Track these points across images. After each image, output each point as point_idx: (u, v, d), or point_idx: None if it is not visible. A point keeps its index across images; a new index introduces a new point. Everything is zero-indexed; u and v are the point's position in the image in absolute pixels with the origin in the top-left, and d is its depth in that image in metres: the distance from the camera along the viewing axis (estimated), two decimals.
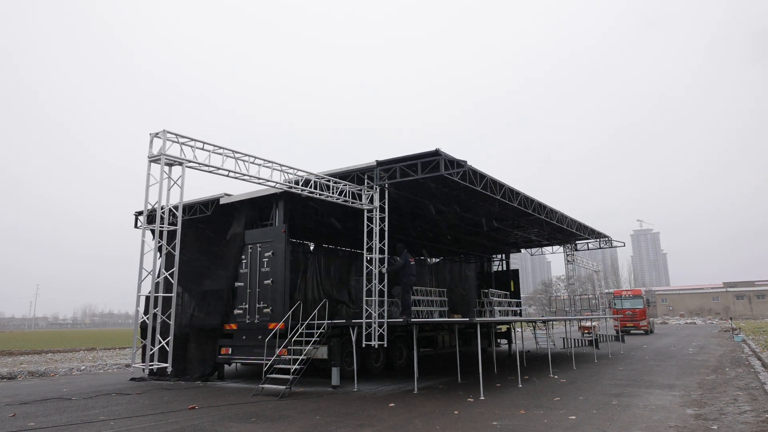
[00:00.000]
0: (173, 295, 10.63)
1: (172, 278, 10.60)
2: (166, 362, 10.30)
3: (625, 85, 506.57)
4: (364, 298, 13.90)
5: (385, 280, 14.17)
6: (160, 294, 10.43)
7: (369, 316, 13.67)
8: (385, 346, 13.74)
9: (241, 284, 15.76)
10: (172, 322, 10.45)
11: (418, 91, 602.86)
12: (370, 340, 13.49)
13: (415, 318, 16.98)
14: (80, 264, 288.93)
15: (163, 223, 10.49)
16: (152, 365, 10.22)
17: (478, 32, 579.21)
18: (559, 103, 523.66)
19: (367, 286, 14.00)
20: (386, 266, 14.31)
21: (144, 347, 13.44)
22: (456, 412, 10.02)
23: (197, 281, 17.35)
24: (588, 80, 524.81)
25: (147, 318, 10.74)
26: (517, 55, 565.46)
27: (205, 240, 17.80)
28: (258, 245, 15.66)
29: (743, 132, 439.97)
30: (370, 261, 14.14)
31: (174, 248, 10.62)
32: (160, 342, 10.33)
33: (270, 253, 15.25)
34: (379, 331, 13.54)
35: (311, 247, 21.03)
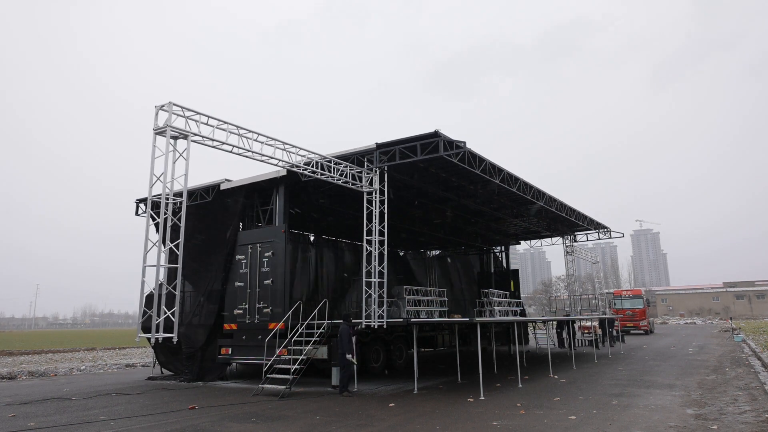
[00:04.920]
0: (179, 266, 10.64)
1: (178, 249, 10.61)
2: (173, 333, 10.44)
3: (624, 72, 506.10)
4: (364, 280, 13.93)
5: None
6: (165, 264, 10.47)
7: (369, 297, 13.73)
8: (385, 326, 13.83)
9: (241, 284, 15.75)
10: (177, 293, 10.53)
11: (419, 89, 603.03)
12: (370, 320, 13.53)
13: (415, 318, 16.99)
14: (80, 262, 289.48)
15: (168, 198, 10.51)
16: (159, 335, 10.28)
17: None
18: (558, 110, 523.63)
19: (366, 267, 14.04)
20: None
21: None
22: (456, 412, 10.02)
23: (203, 277, 17.35)
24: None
25: (153, 289, 10.82)
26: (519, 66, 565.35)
27: (207, 229, 17.74)
28: (258, 245, 15.65)
29: (742, 131, 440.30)
30: (369, 243, 14.18)
31: (180, 220, 10.65)
32: (165, 312, 10.39)
33: (270, 253, 15.24)
34: (378, 312, 13.58)
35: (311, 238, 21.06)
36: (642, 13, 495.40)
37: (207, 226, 17.60)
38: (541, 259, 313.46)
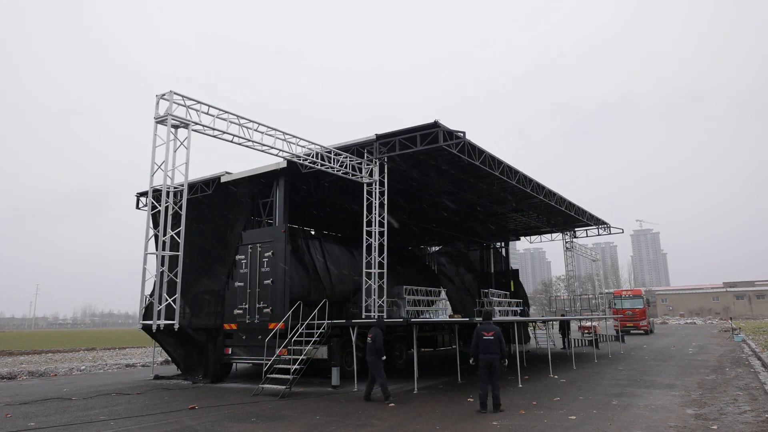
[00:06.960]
0: (180, 253, 10.67)
1: (179, 237, 10.66)
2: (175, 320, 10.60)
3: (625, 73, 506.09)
4: (364, 271, 13.93)
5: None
6: (167, 252, 10.50)
7: (369, 289, 13.76)
8: (385, 318, 13.87)
9: (241, 284, 15.73)
10: (179, 280, 10.54)
11: (418, 84, 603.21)
12: (369, 312, 13.54)
13: (414, 318, 16.99)
14: (80, 261, 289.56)
15: (169, 186, 10.58)
16: (160, 322, 10.33)
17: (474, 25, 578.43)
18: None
19: (366, 258, 14.05)
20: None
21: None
22: (456, 412, 10.01)
23: (200, 277, 17.32)
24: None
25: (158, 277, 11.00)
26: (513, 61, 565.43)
27: (207, 226, 17.65)
28: (258, 245, 15.63)
29: (742, 131, 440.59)
30: (369, 234, 14.20)
31: (181, 208, 10.68)
32: (167, 300, 10.45)
33: (270, 253, 15.22)
34: (378, 303, 13.61)
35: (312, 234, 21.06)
36: None
37: (208, 220, 17.56)
38: (541, 259, 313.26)
